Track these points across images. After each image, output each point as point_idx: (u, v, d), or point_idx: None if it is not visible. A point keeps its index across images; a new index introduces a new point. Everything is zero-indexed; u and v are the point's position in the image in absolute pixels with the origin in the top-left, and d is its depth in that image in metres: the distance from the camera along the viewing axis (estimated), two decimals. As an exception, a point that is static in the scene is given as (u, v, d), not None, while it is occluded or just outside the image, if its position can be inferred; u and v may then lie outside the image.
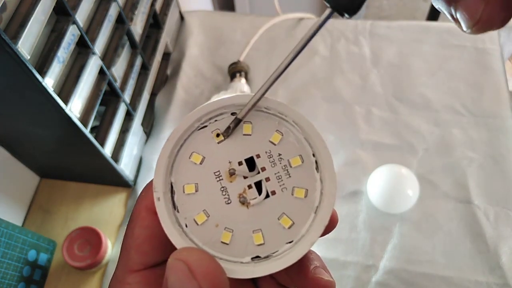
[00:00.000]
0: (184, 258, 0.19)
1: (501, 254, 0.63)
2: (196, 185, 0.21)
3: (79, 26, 0.50)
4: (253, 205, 0.21)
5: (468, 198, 0.68)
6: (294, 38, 0.87)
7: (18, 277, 0.58)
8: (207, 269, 0.18)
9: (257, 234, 0.20)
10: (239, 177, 0.21)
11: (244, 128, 0.22)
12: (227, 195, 0.21)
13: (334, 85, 0.80)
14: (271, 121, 0.22)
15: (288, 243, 0.20)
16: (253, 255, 0.20)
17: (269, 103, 0.22)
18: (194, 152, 0.21)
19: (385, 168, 0.67)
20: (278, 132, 0.22)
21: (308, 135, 0.21)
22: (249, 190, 0.21)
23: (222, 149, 0.21)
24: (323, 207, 0.21)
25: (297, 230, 0.21)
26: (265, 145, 0.21)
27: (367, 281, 0.62)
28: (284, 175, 0.21)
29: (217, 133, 0.21)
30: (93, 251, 0.61)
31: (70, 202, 0.70)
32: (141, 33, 0.69)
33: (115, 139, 0.63)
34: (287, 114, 0.22)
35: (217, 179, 0.21)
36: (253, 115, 0.22)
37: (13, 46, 0.39)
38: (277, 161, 0.21)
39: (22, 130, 0.57)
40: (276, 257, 0.20)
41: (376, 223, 0.67)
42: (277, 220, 0.21)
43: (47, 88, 0.45)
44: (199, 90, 0.81)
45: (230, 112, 0.22)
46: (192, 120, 0.21)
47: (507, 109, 0.76)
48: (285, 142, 0.21)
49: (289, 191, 0.21)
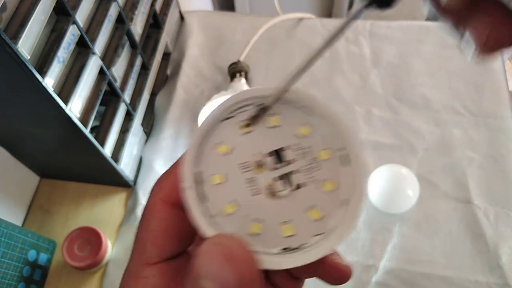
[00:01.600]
0: (223, 242, 0.18)
1: (501, 254, 0.63)
2: (224, 175, 0.21)
3: (79, 26, 0.50)
4: (282, 197, 0.20)
5: (468, 198, 0.68)
6: (294, 38, 0.87)
7: (18, 277, 0.58)
8: (245, 254, 0.18)
9: (286, 226, 0.20)
10: (267, 168, 0.21)
11: (272, 120, 0.21)
12: (255, 186, 0.21)
13: (334, 85, 0.80)
14: (299, 114, 0.21)
15: (317, 235, 0.20)
16: (283, 246, 0.20)
17: (298, 95, 0.21)
18: (221, 143, 0.21)
19: (385, 168, 0.67)
20: (307, 124, 0.21)
21: (338, 128, 0.21)
22: (277, 182, 0.21)
23: (250, 140, 0.21)
24: (353, 200, 0.20)
25: (327, 223, 0.20)
26: (294, 137, 0.21)
27: (367, 281, 0.62)
28: (313, 167, 0.21)
29: (245, 124, 0.21)
30: (93, 251, 0.61)
31: (70, 202, 0.70)
32: (141, 33, 0.69)
33: (115, 139, 0.63)
34: (315, 106, 0.21)
35: (244, 170, 0.21)
36: (282, 107, 0.21)
37: (13, 46, 0.39)
38: (306, 153, 0.21)
39: (22, 130, 0.57)
40: (305, 249, 0.20)
41: (376, 223, 0.67)
42: (306, 212, 0.20)
43: (47, 88, 0.45)
44: (199, 90, 0.81)
45: (256, 104, 0.21)
46: (221, 109, 0.21)
47: (507, 109, 0.76)
48: (314, 135, 0.21)
49: (318, 184, 0.21)
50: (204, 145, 0.21)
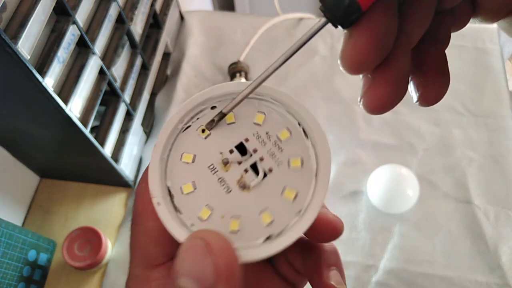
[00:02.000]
0: (203, 236, 0.18)
1: (501, 254, 0.63)
2: (193, 183, 0.21)
3: (79, 26, 0.50)
4: (254, 187, 0.21)
5: (468, 198, 0.68)
6: (294, 38, 0.87)
7: (18, 277, 0.58)
8: (224, 246, 0.18)
9: (264, 214, 0.20)
10: (234, 164, 0.21)
11: (227, 118, 0.22)
12: (226, 184, 0.21)
13: (334, 85, 0.80)
14: (251, 104, 0.22)
15: (296, 214, 0.20)
16: (266, 235, 0.20)
17: (242, 87, 0.22)
18: (184, 153, 0.21)
19: (385, 168, 0.67)
20: (260, 112, 0.22)
21: (290, 106, 0.22)
22: (246, 174, 0.21)
23: (211, 142, 0.22)
24: (321, 170, 0.21)
25: (302, 199, 0.20)
26: (251, 127, 0.22)
27: (367, 281, 0.62)
28: (276, 151, 0.21)
29: (202, 129, 0.22)
30: (93, 251, 0.61)
31: (70, 202, 0.70)
32: (141, 33, 0.69)
33: (115, 139, 0.63)
34: (264, 93, 0.22)
35: (212, 172, 0.21)
36: None
37: (13, 46, 0.39)
38: (266, 139, 0.21)
39: (22, 130, 0.57)
40: (287, 231, 0.20)
41: (376, 223, 0.67)
42: (281, 195, 0.21)
43: (47, 88, 0.45)
44: (199, 90, 0.80)
45: (209, 107, 0.22)
46: (174, 123, 0.22)
47: (507, 109, 0.76)
48: (269, 120, 0.22)
49: (285, 164, 0.21)
50: (168, 158, 0.21)
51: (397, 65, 0.19)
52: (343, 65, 0.19)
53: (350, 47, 0.18)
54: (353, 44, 0.18)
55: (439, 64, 0.21)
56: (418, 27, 0.20)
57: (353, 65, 0.19)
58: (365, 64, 0.19)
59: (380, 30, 0.18)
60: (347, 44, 0.18)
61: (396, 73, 0.19)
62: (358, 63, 0.18)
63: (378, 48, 0.18)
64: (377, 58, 0.19)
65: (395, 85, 0.19)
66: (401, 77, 0.20)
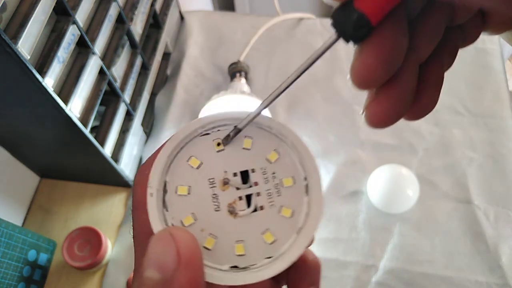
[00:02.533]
0: (170, 230, 0.19)
1: (501, 254, 0.63)
2: (189, 188, 0.21)
3: (79, 26, 0.50)
4: (241, 216, 0.21)
5: (468, 198, 0.68)
6: (294, 38, 0.87)
7: (18, 277, 0.58)
8: (189, 238, 0.19)
9: (239, 245, 0.21)
10: (232, 187, 0.22)
11: (245, 142, 0.22)
12: (218, 202, 0.21)
13: (334, 85, 0.80)
14: (271, 140, 0.22)
15: (267, 258, 0.21)
16: (232, 264, 0.21)
17: (272, 123, 0.22)
18: (192, 156, 0.22)
19: (385, 168, 0.67)
20: (275, 151, 0.22)
21: (303, 158, 0.22)
22: (239, 201, 0.21)
23: (220, 158, 0.22)
24: (306, 228, 0.21)
25: (278, 247, 0.21)
26: (262, 161, 0.22)
27: (367, 281, 0.62)
28: (274, 193, 0.22)
29: (218, 142, 0.22)
30: (93, 251, 0.61)
31: (70, 202, 0.70)
32: (141, 33, 0.69)
33: (115, 139, 0.63)
34: (287, 135, 0.22)
35: (210, 185, 0.21)
36: (255, 132, 0.22)
37: (13, 46, 0.39)
38: (270, 178, 0.22)
39: (22, 130, 0.57)
40: (254, 269, 0.21)
41: (376, 223, 0.67)
42: (261, 234, 0.21)
43: (47, 88, 0.45)
44: (199, 90, 0.81)
45: (233, 125, 0.22)
46: (196, 126, 0.22)
47: (507, 109, 0.76)
48: (281, 162, 0.22)
49: (277, 209, 0.21)
50: (176, 155, 0.22)
51: (404, 82, 0.19)
52: (352, 80, 0.19)
53: (359, 63, 0.18)
54: (362, 60, 0.18)
55: (436, 85, 0.21)
56: (427, 43, 0.20)
57: (362, 81, 0.19)
58: (373, 80, 0.19)
59: (390, 46, 0.18)
60: (357, 59, 0.18)
61: (401, 89, 0.19)
62: (367, 79, 0.19)
63: (387, 64, 0.18)
64: (386, 75, 0.19)
65: (399, 101, 0.20)
66: (406, 93, 0.20)
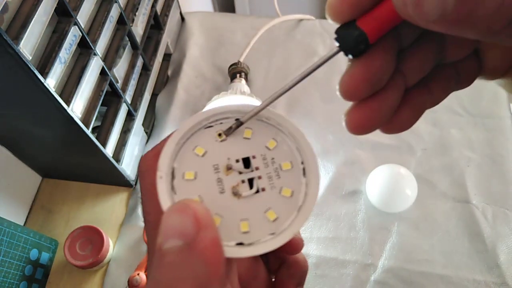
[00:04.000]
0: (184, 201, 0.20)
1: (499, 253, 0.63)
2: (196, 173, 0.23)
3: (80, 27, 0.50)
4: (244, 197, 0.23)
5: (466, 198, 0.68)
6: (294, 39, 0.87)
7: (20, 276, 0.58)
8: (202, 207, 0.20)
9: (244, 223, 0.22)
10: (235, 172, 0.23)
11: (245, 132, 0.24)
12: (222, 185, 0.23)
13: (333, 85, 0.81)
14: (269, 130, 0.25)
15: (270, 234, 0.22)
16: (238, 241, 0.22)
17: (270, 114, 0.24)
18: (198, 146, 0.24)
19: (384, 167, 0.68)
20: (274, 139, 0.24)
21: (300, 145, 0.24)
22: (242, 184, 0.23)
23: (223, 147, 0.24)
24: (305, 206, 0.23)
25: (280, 224, 0.23)
26: (261, 149, 0.24)
27: (366, 280, 0.63)
28: (274, 176, 0.23)
29: (220, 133, 0.24)
30: (95, 250, 0.62)
31: (71, 202, 0.70)
32: (142, 34, 0.69)
33: (116, 139, 0.63)
34: (284, 125, 0.24)
35: (215, 171, 0.23)
36: (255, 123, 0.25)
37: (15, 47, 0.40)
38: (270, 163, 0.24)
39: (24, 130, 0.57)
40: (258, 244, 0.22)
41: (375, 222, 0.67)
42: (264, 213, 0.23)
43: (49, 89, 0.45)
44: (199, 91, 0.81)
45: (234, 118, 0.24)
46: (201, 118, 0.24)
47: (505, 109, 0.77)
48: (279, 149, 0.24)
49: (277, 190, 0.23)
50: (183, 144, 0.24)
51: (386, 98, 0.22)
52: (339, 90, 0.21)
53: (347, 76, 0.21)
54: (350, 74, 0.21)
55: (415, 112, 0.23)
56: (415, 72, 0.22)
57: (346, 92, 0.21)
58: (356, 93, 0.21)
59: (376, 68, 0.20)
60: (345, 73, 0.21)
61: (382, 104, 0.22)
62: (350, 91, 0.21)
63: (370, 82, 0.21)
64: (368, 91, 0.21)
65: (377, 114, 0.22)
66: (386, 109, 0.22)
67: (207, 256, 0.18)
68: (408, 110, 0.23)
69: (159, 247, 0.19)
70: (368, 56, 0.20)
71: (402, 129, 0.23)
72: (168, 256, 0.18)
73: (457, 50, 0.23)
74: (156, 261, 0.19)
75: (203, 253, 0.18)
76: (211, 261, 0.18)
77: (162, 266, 0.18)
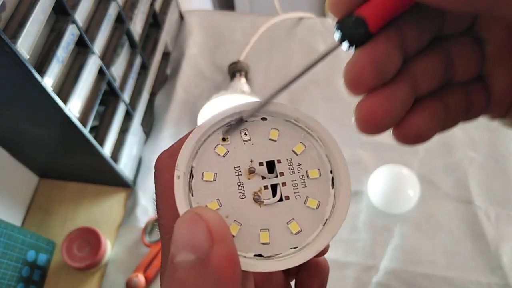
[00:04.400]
0: (195, 210, 0.19)
1: (502, 255, 0.63)
2: (215, 174, 0.21)
3: (78, 25, 0.50)
4: (266, 205, 0.21)
5: (469, 198, 0.68)
6: (294, 38, 0.87)
7: (17, 277, 0.57)
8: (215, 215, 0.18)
9: (264, 233, 0.21)
10: (257, 176, 0.22)
11: (271, 134, 0.22)
12: (243, 190, 0.21)
13: (334, 85, 0.80)
14: (297, 133, 0.23)
15: (292, 248, 0.21)
16: (256, 252, 0.20)
17: (300, 115, 0.23)
18: (219, 145, 0.22)
19: (386, 168, 0.67)
20: (302, 143, 0.22)
21: (330, 152, 0.22)
22: (264, 190, 0.21)
23: (247, 148, 0.22)
24: (333, 220, 0.21)
25: (303, 238, 0.21)
26: (288, 153, 0.22)
27: (368, 281, 0.62)
28: (300, 184, 0.22)
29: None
30: (93, 251, 0.61)
31: (69, 202, 0.70)
32: (140, 33, 0.69)
33: (114, 139, 0.63)
34: (314, 129, 0.23)
35: (236, 173, 0.22)
36: (282, 124, 0.23)
37: (12, 45, 0.39)
38: (296, 169, 0.22)
39: (21, 130, 0.57)
40: (278, 258, 0.20)
41: (376, 223, 0.66)
42: (286, 224, 0.21)
43: (46, 88, 0.45)
44: (198, 90, 0.81)
45: (260, 117, 0.23)
46: (224, 115, 0.22)
47: (508, 109, 0.76)
48: (306, 154, 0.22)
49: (302, 200, 0.21)
50: (204, 143, 0.22)
51: (396, 90, 0.20)
52: (344, 80, 0.20)
53: (351, 64, 0.20)
54: (354, 60, 0.20)
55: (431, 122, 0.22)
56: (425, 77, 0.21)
57: (351, 80, 0.20)
58: (362, 80, 0.20)
59: (379, 53, 0.19)
60: (349, 61, 0.20)
61: (391, 94, 0.20)
62: (356, 78, 0.20)
63: (375, 68, 0.19)
64: (374, 78, 0.20)
65: (388, 102, 0.20)
66: (397, 100, 0.20)
67: (221, 274, 0.17)
68: (422, 115, 0.21)
69: (171, 259, 0.18)
70: (371, 44, 0.19)
71: (418, 136, 0.22)
72: (179, 271, 0.17)
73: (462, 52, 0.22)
74: (168, 274, 0.18)
75: (217, 270, 0.17)
76: (226, 279, 0.17)
77: (173, 282, 0.17)
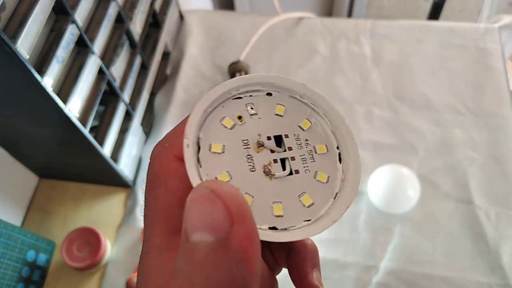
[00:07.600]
0: (206, 185, 0.17)
1: (502, 255, 0.63)
2: (223, 146, 0.21)
3: (78, 25, 0.50)
4: (277, 178, 0.21)
5: (469, 198, 0.68)
6: (294, 38, 0.87)
7: (17, 277, 0.57)
8: (230, 189, 0.17)
9: (277, 205, 0.21)
10: (266, 150, 0.21)
11: (277, 109, 0.22)
12: (252, 163, 0.21)
13: (334, 84, 0.80)
14: (302, 109, 0.23)
15: (306, 220, 0.21)
16: (271, 225, 0.20)
17: (306, 91, 0.23)
18: (226, 117, 0.22)
19: (386, 168, 0.67)
20: (307, 120, 0.23)
21: (337, 128, 0.22)
22: (274, 164, 0.21)
23: (254, 121, 0.22)
24: (343, 194, 0.21)
25: (316, 211, 0.21)
26: (295, 128, 0.22)
27: (368, 281, 0.62)
28: (308, 158, 0.22)
29: (251, 107, 0.22)
30: (92, 251, 0.61)
31: (69, 203, 0.69)
32: (140, 33, 0.68)
33: (114, 139, 0.63)
34: (320, 105, 0.23)
35: (244, 146, 0.21)
36: (287, 100, 0.23)
37: (12, 45, 0.39)
38: (303, 144, 0.22)
39: (21, 130, 0.57)
40: (293, 230, 0.20)
41: (377, 223, 0.66)
42: (298, 197, 0.21)
43: (46, 88, 0.45)
44: (198, 90, 0.81)
45: (266, 92, 0.22)
46: (230, 87, 0.22)
47: (508, 108, 0.76)
48: (313, 130, 0.22)
49: (312, 174, 0.21)
50: (210, 114, 0.22)
51: None
52: None
53: None
54: None
55: None
56: None
57: None
58: None
59: None
60: None
61: None
62: None
63: None
64: None
65: None
66: None
67: (243, 254, 0.16)
68: None
69: (186, 237, 0.16)
70: None
71: None
72: (198, 253, 0.16)
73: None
74: (185, 253, 0.17)
75: (238, 251, 0.16)
76: (247, 258, 0.16)
77: (193, 264, 0.16)
